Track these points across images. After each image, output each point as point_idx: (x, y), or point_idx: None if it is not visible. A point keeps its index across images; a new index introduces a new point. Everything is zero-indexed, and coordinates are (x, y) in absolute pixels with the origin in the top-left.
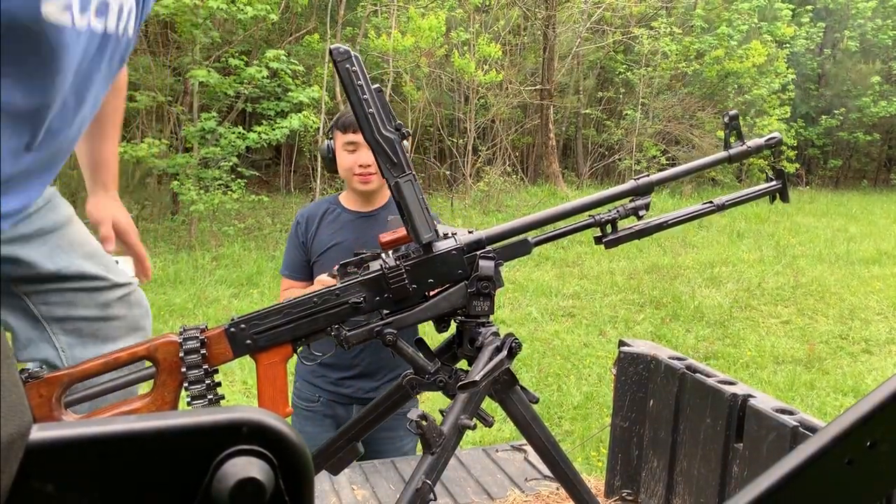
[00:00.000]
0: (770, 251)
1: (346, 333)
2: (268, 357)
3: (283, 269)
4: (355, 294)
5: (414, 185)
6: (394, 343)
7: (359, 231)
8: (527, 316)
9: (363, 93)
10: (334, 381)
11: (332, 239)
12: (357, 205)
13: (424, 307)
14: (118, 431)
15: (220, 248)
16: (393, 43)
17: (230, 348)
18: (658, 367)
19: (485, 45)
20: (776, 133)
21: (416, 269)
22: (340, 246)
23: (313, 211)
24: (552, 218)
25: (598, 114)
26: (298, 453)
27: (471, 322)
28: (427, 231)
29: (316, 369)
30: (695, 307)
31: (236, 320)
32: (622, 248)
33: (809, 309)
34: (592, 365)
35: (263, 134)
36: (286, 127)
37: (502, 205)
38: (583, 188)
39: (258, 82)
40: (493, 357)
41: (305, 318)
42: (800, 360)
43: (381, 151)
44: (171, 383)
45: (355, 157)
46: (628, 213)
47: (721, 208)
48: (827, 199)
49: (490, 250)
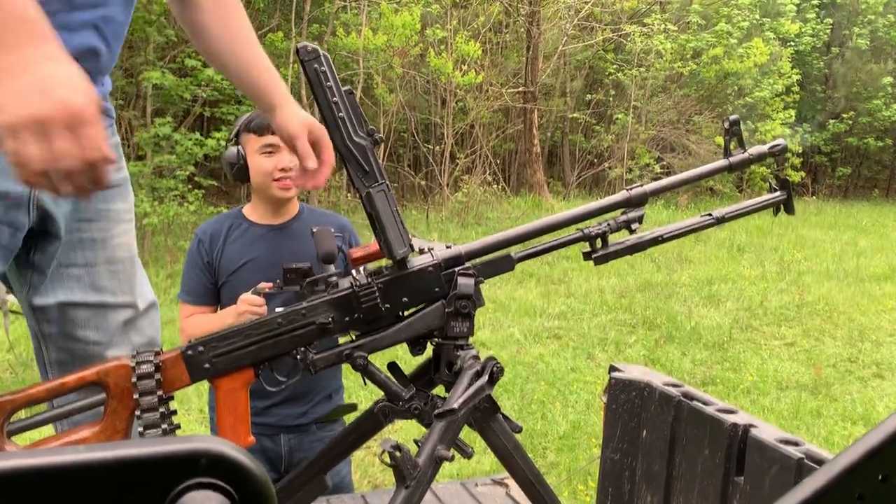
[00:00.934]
0: (773, 267)
1: (313, 357)
2: (228, 382)
3: (184, 294)
4: (323, 314)
5: (387, 196)
6: (365, 367)
7: (272, 245)
8: (509, 338)
9: (332, 95)
10: (258, 410)
11: (244, 256)
12: (266, 217)
13: (398, 328)
14: (66, 462)
15: (175, 265)
16: (363, 41)
17: (187, 373)
18: (652, 395)
19: (463, 43)
20: (780, 139)
21: (389, 286)
22: (254, 263)
23: (216, 227)
24: (537, 231)
25: (586, 118)
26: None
27: (448, 344)
28: (401, 245)
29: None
30: (691, 328)
31: (194, 343)
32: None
33: (816, 330)
34: (580, 391)
35: (223, 140)
36: None
37: (482, 217)
38: (570, 199)
39: (217, 84)
40: (472, 382)
41: (269, 340)
42: (805, 386)
43: (352, 159)
44: (122, 411)
45: (275, 161)
46: (620, 227)
47: (720, 221)
48: (835, 210)
49: (469, 266)
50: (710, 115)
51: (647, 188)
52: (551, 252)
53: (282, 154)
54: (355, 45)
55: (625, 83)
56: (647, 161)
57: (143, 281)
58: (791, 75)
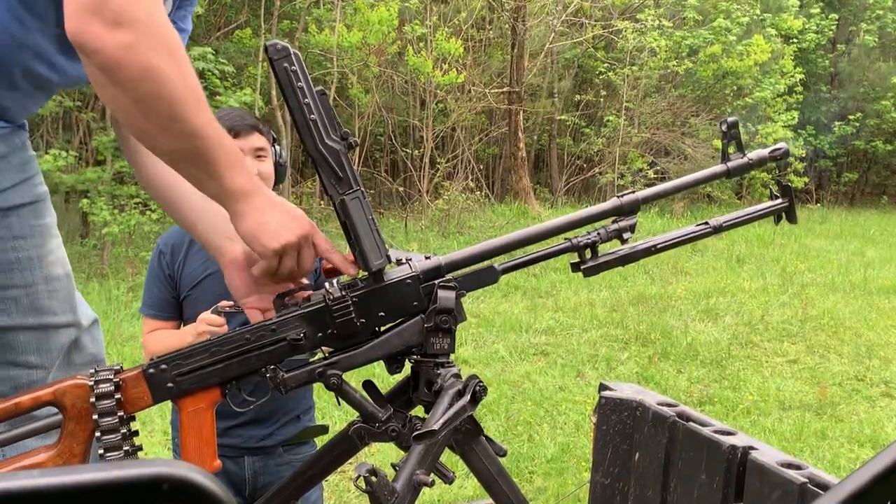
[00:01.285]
0: (775, 279)
1: (284, 375)
2: (193, 402)
3: (145, 307)
4: (294, 329)
5: (362, 203)
6: (339, 387)
7: None
8: (493, 355)
9: (304, 96)
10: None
11: (206, 268)
12: None
13: (374, 345)
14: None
15: (137, 277)
16: (337, 38)
17: (149, 392)
18: (645, 415)
19: (444, 40)
20: (782, 143)
21: (364, 300)
22: (216, 276)
23: (178, 237)
24: (523, 241)
25: (575, 120)
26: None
27: (428, 362)
28: (377, 256)
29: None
30: (687, 344)
31: (156, 360)
32: (604, 277)
33: (820, 346)
34: (569, 411)
35: None
36: None
37: (464, 226)
38: (558, 206)
39: None
40: (453, 403)
41: (236, 358)
42: (809, 406)
43: (325, 164)
44: (80, 433)
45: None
46: (611, 236)
47: (718, 230)
48: (841, 218)
49: (450, 279)
50: (708, 116)
51: (640, 195)
52: (538, 263)
53: (247, 159)
54: (328, 42)
55: (616, 83)
56: (639, 166)
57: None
58: (794, 74)
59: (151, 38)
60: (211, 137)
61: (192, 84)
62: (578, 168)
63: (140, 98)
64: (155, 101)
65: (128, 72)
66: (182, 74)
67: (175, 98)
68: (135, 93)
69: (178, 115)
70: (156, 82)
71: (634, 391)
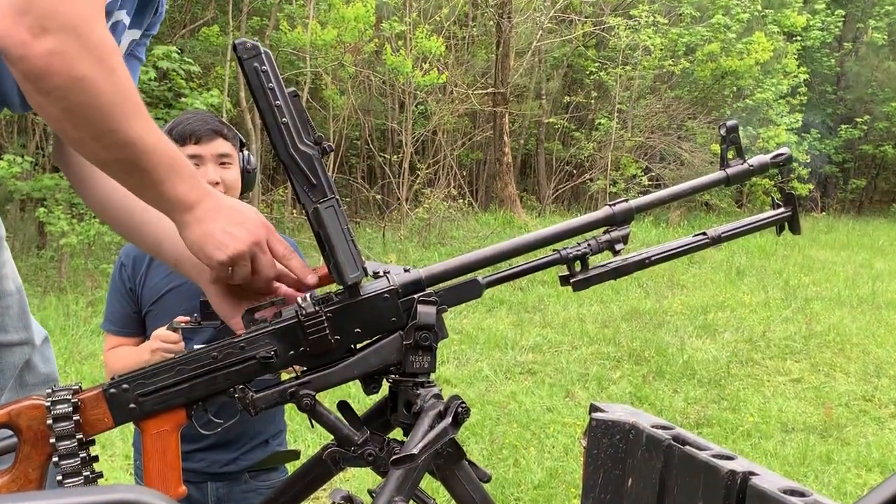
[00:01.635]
0: (777, 293)
1: (253, 396)
2: (156, 424)
3: (107, 323)
4: (264, 347)
5: (337, 212)
6: (312, 408)
7: None
8: (477, 373)
9: (275, 98)
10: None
11: (169, 282)
12: None
13: (350, 363)
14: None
15: (97, 291)
16: (310, 36)
17: (110, 414)
18: (638, 438)
19: (424, 38)
20: (785, 148)
21: (339, 315)
22: (178, 291)
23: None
24: (508, 253)
25: (564, 123)
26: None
27: (407, 381)
28: (353, 269)
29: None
30: (684, 362)
31: (117, 379)
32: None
33: (826, 364)
34: (557, 434)
35: None
36: None
37: (446, 236)
38: (546, 215)
39: (144, 85)
40: (434, 425)
41: (203, 377)
42: (814, 428)
43: (297, 171)
44: (36, 457)
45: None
46: (602, 247)
47: (716, 241)
48: (847, 227)
49: (431, 293)
50: (706, 119)
51: (633, 204)
52: (525, 276)
53: (205, 168)
54: (301, 40)
55: (608, 84)
56: (633, 172)
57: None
58: (797, 74)
59: (80, 46)
60: (148, 145)
61: (126, 92)
62: (568, 174)
63: (69, 108)
64: (85, 111)
65: (55, 81)
66: (114, 83)
67: (107, 108)
68: (63, 102)
69: (110, 125)
70: (85, 92)
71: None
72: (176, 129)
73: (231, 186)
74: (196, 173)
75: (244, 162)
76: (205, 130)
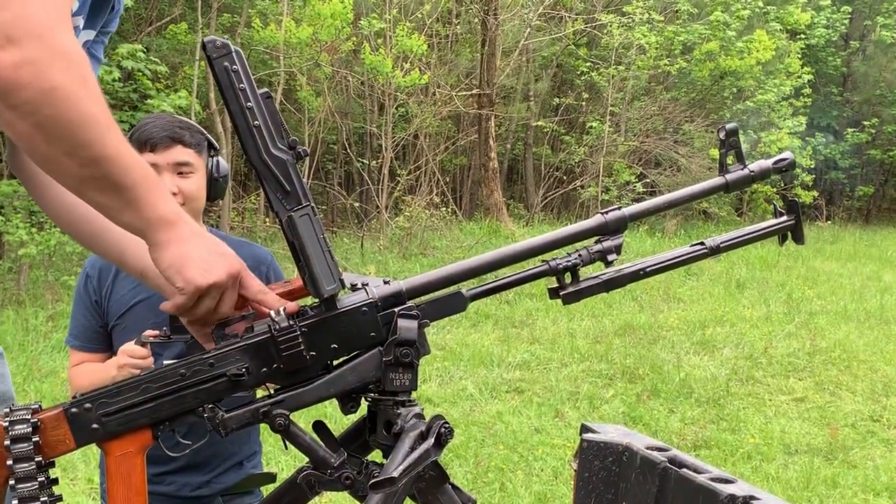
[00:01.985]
0: (779, 307)
1: (223, 415)
2: (120, 446)
3: (71, 338)
4: (235, 364)
5: (312, 221)
6: (286, 428)
7: None
8: (461, 392)
9: (246, 99)
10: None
11: (136, 294)
12: None
13: (326, 381)
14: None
15: (58, 304)
16: (284, 34)
17: (71, 435)
18: (632, 460)
19: (405, 36)
20: (787, 152)
21: (315, 330)
22: (146, 304)
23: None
24: (495, 264)
25: (553, 127)
26: None
27: (387, 400)
28: (330, 281)
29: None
30: (681, 380)
31: (80, 398)
32: (586, 304)
33: (831, 382)
34: (546, 456)
35: None
36: None
37: (428, 246)
38: (534, 224)
39: (108, 86)
40: (415, 446)
41: (170, 396)
42: (818, 450)
43: (270, 176)
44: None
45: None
46: (594, 258)
47: (715, 252)
48: (854, 237)
49: (412, 307)
50: (704, 122)
51: (627, 212)
52: (511, 288)
53: (164, 175)
54: (274, 38)
55: (600, 84)
56: (626, 178)
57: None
58: (801, 75)
59: (50, 55)
60: (124, 161)
61: (99, 104)
62: (557, 181)
63: (40, 122)
64: (58, 125)
65: (24, 93)
66: (88, 94)
67: (80, 120)
68: (34, 117)
69: (84, 139)
70: (58, 105)
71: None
72: (136, 135)
73: (192, 197)
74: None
75: (213, 168)
76: (160, 137)
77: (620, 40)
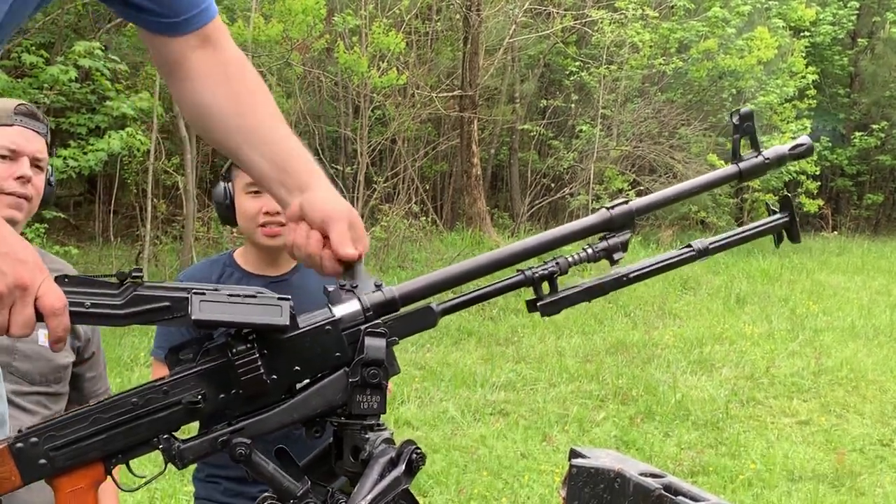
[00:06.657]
0: (782, 323)
1: (180, 446)
2: (70, 482)
3: (158, 350)
4: (190, 390)
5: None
6: (247, 457)
7: None
8: (441, 414)
9: None
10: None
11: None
12: (261, 267)
13: (289, 406)
14: None
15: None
16: (252, 31)
17: (17, 471)
18: (625, 488)
19: (382, 33)
20: (804, 137)
21: (275, 352)
22: None
23: (202, 276)
24: (471, 273)
25: (541, 130)
26: None
27: (354, 425)
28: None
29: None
30: (677, 402)
31: (25, 432)
32: (576, 320)
33: (837, 404)
34: (533, 483)
35: (71, 160)
36: (103, 150)
37: (406, 258)
38: (520, 235)
39: (63, 87)
40: (384, 474)
41: (122, 427)
42: (824, 476)
43: None
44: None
45: (261, 203)
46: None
47: (704, 254)
48: (862, 248)
49: (379, 323)
50: (701, 126)
51: (634, 205)
52: (489, 300)
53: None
54: (242, 35)
55: (590, 85)
56: (619, 186)
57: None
58: (805, 75)
59: None
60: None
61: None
62: (545, 188)
63: None
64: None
65: None
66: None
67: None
68: None
69: None
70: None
71: (612, 459)
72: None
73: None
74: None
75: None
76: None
77: (612, 38)
